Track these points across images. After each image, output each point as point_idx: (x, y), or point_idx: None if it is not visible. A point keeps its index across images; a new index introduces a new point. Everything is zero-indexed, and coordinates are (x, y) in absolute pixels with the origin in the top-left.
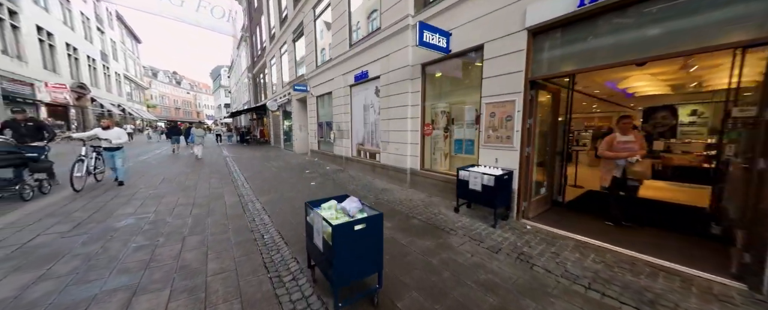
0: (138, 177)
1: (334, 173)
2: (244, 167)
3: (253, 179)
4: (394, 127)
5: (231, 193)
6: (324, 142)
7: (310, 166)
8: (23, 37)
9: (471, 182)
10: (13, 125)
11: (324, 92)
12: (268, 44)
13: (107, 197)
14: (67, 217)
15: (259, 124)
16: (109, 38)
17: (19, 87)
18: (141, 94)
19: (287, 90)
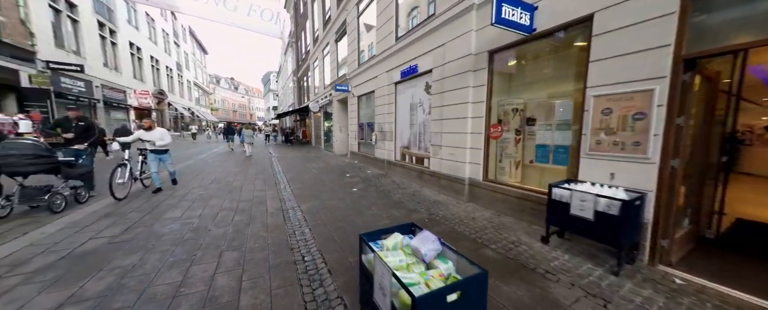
0: (193, 176)
1: (375, 178)
2: (287, 167)
3: (294, 181)
4: (448, 129)
5: (273, 197)
6: (364, 144)
7: (350, 169)
8: (119, 52)
9: (574, 205)
10: (65, 124)
11: (365, 92)
12: (312, 47)
13: (156, 200)
14: (114, 224)
15: (302, 125)
16: (183, 51)
17: (115, 94)
18: (206, 99)
19: (328, 91)
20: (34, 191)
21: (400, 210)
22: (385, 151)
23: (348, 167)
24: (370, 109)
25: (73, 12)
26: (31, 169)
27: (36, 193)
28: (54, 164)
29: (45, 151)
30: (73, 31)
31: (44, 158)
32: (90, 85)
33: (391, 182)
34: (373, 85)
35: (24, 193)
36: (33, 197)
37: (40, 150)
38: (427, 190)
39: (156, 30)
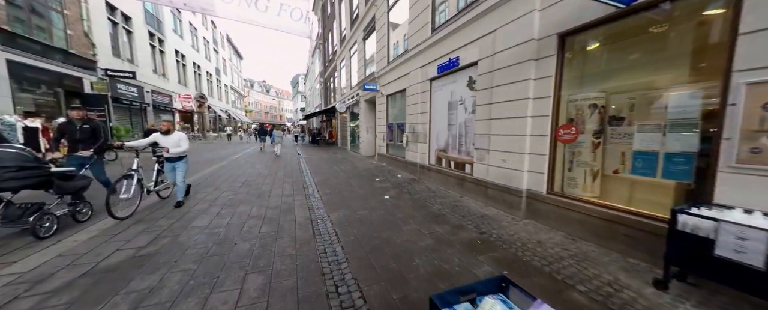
0: (224, 179)
1: (407, 183)
2: (315, 169)
3: (322, 185)
4: (499, 130)
5: (301, 204)
6: (393, 146)
7: (380, 172)
8: (166, 59)
9: (725, 243)
10: (69, 128)
11: (396, 90)
12: (338, 48)
13: (185, 206)
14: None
15: (328, 126)
16: (221, 57)
17: (163, 98)
18: (241, 102)
19: (355, 91)
20: (18, 210)
21: (443, 226)
22: (417, 154)
23: (376, 170)
24: (401, 108)
25: (127, 24)
26: (13, 184)
27: (20, 213)
28: (43, 177)
29: (32, 162)
30: (128, 41)
31: (30, 170)
32: (142, 90)
33: (425, 188)
34: (404, 83)
35: (7, 213)
36: (17, 218)
37: (24, 160)
38: (470, 200)
39: (198, 38)
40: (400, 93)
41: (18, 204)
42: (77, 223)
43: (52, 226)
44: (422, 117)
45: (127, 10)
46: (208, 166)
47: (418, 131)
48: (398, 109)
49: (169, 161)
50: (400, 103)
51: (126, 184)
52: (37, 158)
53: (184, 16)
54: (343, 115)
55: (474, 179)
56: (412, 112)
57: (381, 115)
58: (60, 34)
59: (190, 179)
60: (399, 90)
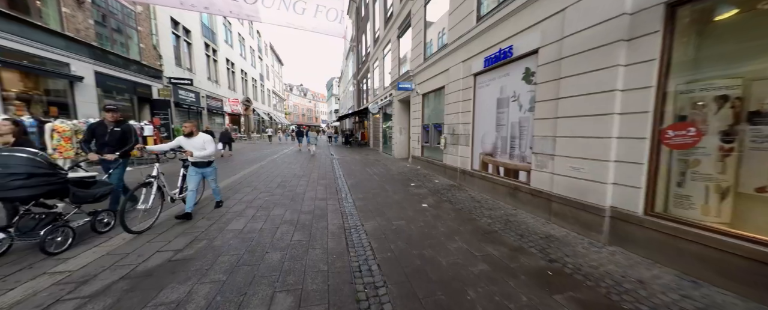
0: (262, 179)
1: (446, 190)
2: (348, 171)
3: (355, 189)
4: (569, 131)
5: (334, 210)
6: (429, 149)
7: (415, 176)
8: (218, 67)
9: None
10: (99, 131)
11: (433, 89)
12: (372, 49)
13: (223, 207)
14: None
15: (360, 127)
16: (265, 63)
17: (215, 102)
18: (281, 105)
19: (389, 91)
20: (32, 221)
21: (498, 247)
22: (457, 157)
23: (411, 173)
24: (438, 108)
25: (188, 36)
26: (22, 193)
27: (33, 224)
28: (57, 184)
29: (44, 168)
30: (188, 52)
31: (42, 177)
32: (198, 95)
33: (468, 197)
34: (442, 80)
35: (21, 224)
36: (29, 230)
37: (36, 166)
38: (527, 215)
39: (245, 47)
40: (438, 91)
41: (33, 214)
42: (98, 233)
43: (66, 240)
44: (464, 117)
45: (187, 24)
46: (250, 165)
47: (459, 133)
48: (435, 109)
49: (195, 165)
50: (437, 102)
51: (144, 193)
52: (51, 163)
53: (234, 27)
54: (376, 116)
55: (532, 190)
56: (452, 111)
57: (416, 116)
58: (135, 48)
59: (234, 178)
60: (436, 88)
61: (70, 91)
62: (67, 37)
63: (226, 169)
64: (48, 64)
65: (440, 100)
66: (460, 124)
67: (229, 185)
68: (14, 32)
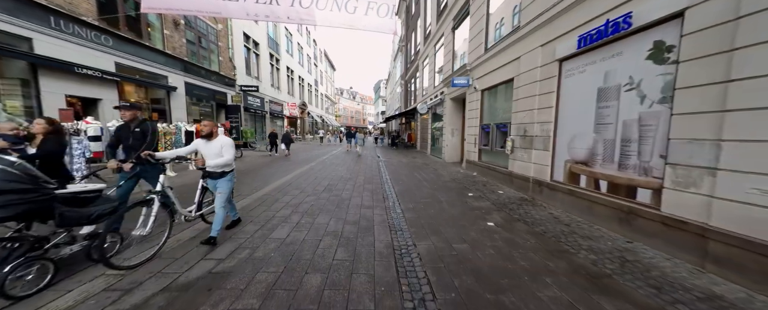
0: (311, 181)
1: (516, 205)
2: (395, 176)
3: (404, 197)
4: (756, 132)
5: (381, 221)
6: (489, 153)
7: (471, 184)
8: (280, 75)
9: None
10: (123, 134)
11: (495, 83)
12: (422, 46)
13: (274, 207)
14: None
15: (407, 129)
16: (319, 69)
17: (276, 107)
18: (333, 108)
19: (440, 89)
20: (3, 250)
21: (623, 303)
22: (530, 164)
23: (466, 180)
24: (502, 105)
25: (256, 49)
26: None
27: (5, 254)
28: (38, 202)
29: (20, 182)
30: (256, 62)
31: (16, 194)
32: (263, 101)
33: (549, 217)
34: (509, 72)
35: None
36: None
37: (10, 179)
38: (652, 253)
39: (303, 55)
40: (503, 86)
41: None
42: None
43: (42, 276)
44: (541, 114)
45: (257, 37)
46: (301, 166)
47: (533, 134)
48: (498, 107)
49: (209, 176)
50: (501, 98)
51: (143, 215)
52: (32, 175)
53: (294, 38)
54: (424, 116)
55: (665, 217)
56: (523, 108)
57: (472, 115)
58: (215, 60)
59: (286, 178)
60: (500, 82)
61: (167, 99)
62: (167, 54)
63: (281, 168)
64: (153, 77)
65: (506, 95)
66: (535, 124)
67: (280, 186)
68: (129, 52)
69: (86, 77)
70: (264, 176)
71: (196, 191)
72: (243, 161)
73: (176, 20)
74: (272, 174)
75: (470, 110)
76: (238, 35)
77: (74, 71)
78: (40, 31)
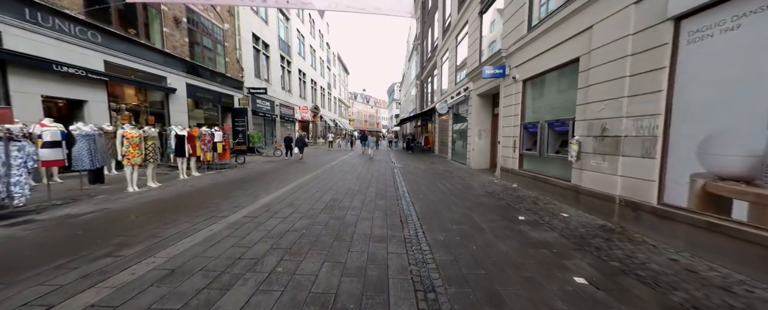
0: (311, 193)
1: (602, 238)
2: (413, 186)
3: (429, 221)
4: None
5: (400, 271)
6: (536, 160)
7: (517, 202)
8: (291, 77)
9: None
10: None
11: (545, 69)
12: (440, 41)
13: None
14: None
15: (423, 131)
16: (332, 73)
17: (287, 110)
18: (346, 112)
19: (463, 84)
20: None
21: None
22: (615, 177)
23: (507, 195)
24: (557, 97)
25: (266, 51)
26: None
27: None
28: None
29: None
30: (266, 64)
31: None
32: (273, 104)
33: (673, 265)
34: (570, 51)
35: None
36: None
37: None
38: None
39: (315, 58)
40: (557, 71)
41: None
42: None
43: None
44: (637, 104)
45: (267, 38)
46: (305, 174)
47: (621, 134)
48: (551, 99)
49: None
50: (555, 88)
51: None
52: None
53: (306, 40)
54: (444, 117)
55: None
56: (601, 97)
57: (509, 112)
58: (221, 62)
59: (284, 189)
60: (554, 67)
61: (166, 101)
62: (166, 54)
63: (280, 177)
64: (150, 78)
65: (564, 83)
66: (622, 119)
67: (270, 202)
68: (122, 50)
69: (68, 76)
70: (257, 187)
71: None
72: (243, 169)
73: (177, 18)
74: (267, 185)
75: (506, 107)
76: (246, 36)
77: (53, 70)
78: (10, 23)
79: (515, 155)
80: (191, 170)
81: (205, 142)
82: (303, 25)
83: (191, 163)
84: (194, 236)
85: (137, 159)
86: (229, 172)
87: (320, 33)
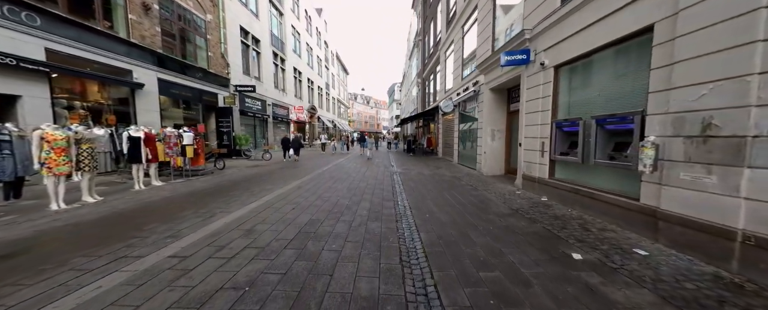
0: (285, 212)
1: (715, 292)
2: (418, 201)
3: (440, 259)
4: None
5: None
6: (574, 167)
7: (558, 226)
8: (286, 76)
9: None
10: None
11: (592, 48)
12: (444, 33)
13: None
14: None
15: (425, 132)
16: (331, 73)
17: (281, 110)
18: (346, 113)
19: (472, 78)
20: None
21: None
22: (736, 201)
23: (540, 214)
24: (608, 85)
25: (257, 46)
26: None
27: None
28: None
29: None
30: (257, 61)
31: None
32: (264, 103)
33: None
34: (633, 20)
35: None
36: None
37: None
38: None
39: (312, 56)
40: (613, 49)
41: None
42: None
43: None
44: None
45: (257, 33)
46: (286, 183)
47: (749, 133)
48: (601, 86)
49: None
50: (609, 71)
51: None
52: None
53: (303, 37)
54: (448, 116)
55: None
56: (704, 76)
57: (535, 107)
58: (203, 56)
59: (249, 207)
60: (608, 43)
61: (132, 98)
62: (131, 44)
63: (253, 188)
64: (110, 71)
65: (626, 63)
66: (750, 109)
67: (226, 225)
68: (71, 37)
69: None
70: (219, 202)
71: None
72: (220, 175)
73: (146, 3)
74: (235, 199)
75: (530, 101)
76: (233, 29)
77: None
78: None
79: (543, 160)
80: (152, 178)
81: (170, 145)
82: (299, 21)
83: (151, 170)
84: (63, 301)
85: (63, 167)
86: (200, 180)
87: (317, 31)
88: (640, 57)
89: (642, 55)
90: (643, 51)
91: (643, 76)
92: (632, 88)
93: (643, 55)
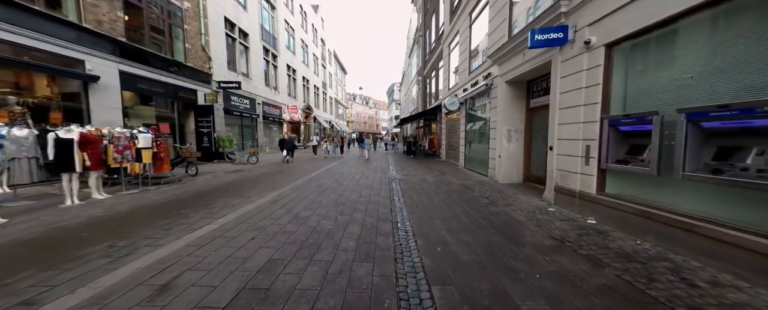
0: (237, 244)
1: None
2: (421, 221)
3: None
4: None
5: None
6: (642, 181)
7: (630, 269)
8: (278, 73)
9: None
10: None
11: (673, 14)
12: (447, 26)
13: None
14: None
15: (426, 133)
16: (328, 71)
17: (273, 110)
18: (345, 113)
19: (482, 71)
20: None
21: None
22: None
23: (597, 247)
24: (707, 63)
25: (245, 40)
26: None
27: None
28: None
29: None
30: (245, 56)
31: None
32: (254, 102)
33: None
34: None
35: None
36: None
37: None
38: None
39: (308, 54)
40: (710, 10)
41: None
42: None
43: None
44: None
45: (245, 26)
46: (261, 195)
47: None
48: (691, 68)
49: None
50: (702, 46)
51: None
52: None
53: (297, 33)
54: (453, 115)
55: None
56: None
57: (575, 100)
58: (179, 47)
59: (197, 233)
60: (703, 3)
61: (84, 93)
62: (83, 29)
63: (235, 196)
64: (55, 60)
65: (723, 34)
66: None
67: (130, 278)
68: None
69: None
70: (156, 227)
71: None
72: (188, 184)
73: None
74: (177, 222)
75: (566, 92)
76: (215, 20)
77: None
78: None
79: (588, 169)
80: (93, 190)
81: (118, 149)
82: (293, 17)
83: (92, 180)
84: None
85: None
86: (158, 191)
87: (314, 28)
88: (758, 23)
89: (761, 18)
90: (762, 13)
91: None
92: (761, 64)
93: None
